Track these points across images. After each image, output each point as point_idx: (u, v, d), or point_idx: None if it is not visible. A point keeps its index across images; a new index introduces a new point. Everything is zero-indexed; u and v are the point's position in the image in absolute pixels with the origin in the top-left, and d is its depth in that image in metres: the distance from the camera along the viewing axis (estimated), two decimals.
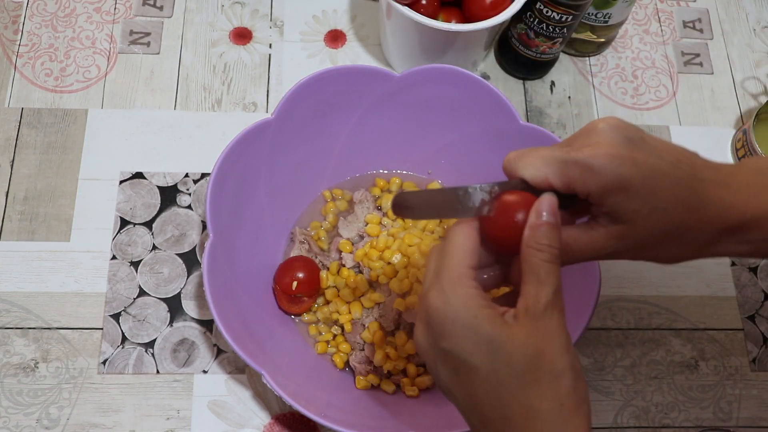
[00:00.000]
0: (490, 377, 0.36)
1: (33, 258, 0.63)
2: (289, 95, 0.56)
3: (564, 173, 0.37)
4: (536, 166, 0.37)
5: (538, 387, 0.35)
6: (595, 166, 0.36)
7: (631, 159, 0.36)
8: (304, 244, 0.63)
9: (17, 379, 0.59)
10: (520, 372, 0.35)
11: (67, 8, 0.73)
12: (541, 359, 0.35)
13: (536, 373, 0.35)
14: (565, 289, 0.57)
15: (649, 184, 0.36)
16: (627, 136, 0.37)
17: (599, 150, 0.36)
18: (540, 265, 0.36)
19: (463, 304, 0.36)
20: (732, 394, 0.64)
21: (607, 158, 0.36)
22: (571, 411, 0.35)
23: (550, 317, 0.36)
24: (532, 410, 0.35)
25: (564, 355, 0.35)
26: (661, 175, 0.36)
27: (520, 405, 0.35)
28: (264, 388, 0.60)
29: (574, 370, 0.36)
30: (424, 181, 0.67)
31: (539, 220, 0.36)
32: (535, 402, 0.35)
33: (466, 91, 0.59)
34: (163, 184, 0.67)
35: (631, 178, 0.36)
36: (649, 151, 0.37)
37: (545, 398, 0.35)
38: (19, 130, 0.68)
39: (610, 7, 0.69)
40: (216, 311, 0.51)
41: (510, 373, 0.35)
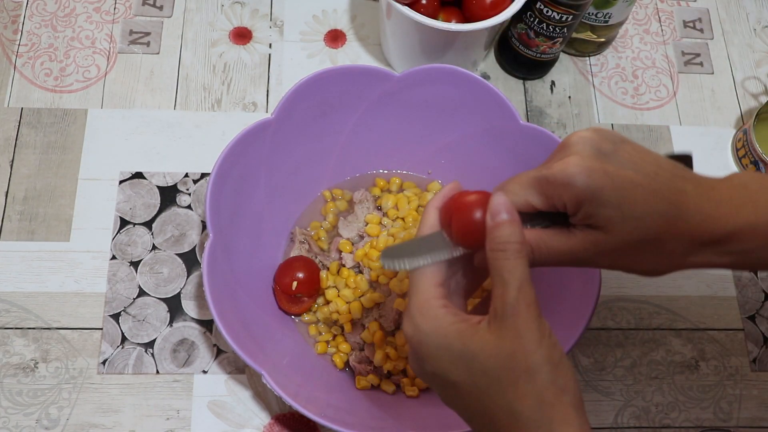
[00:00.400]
0: (472, 389, 0.37)
1: (33, 258, 0.63)
2: (289, 95, 0.56)
3: (540, 192, 0.38)
4: (515, 192, 0.39)
5: (515, 388, 0.35)
6: (565, 179, 0.37)
7: (602, 170, 0.37)
8: (304, 244, 0.63)
9: (17, 379, 0.59)
10: (497, 377, 0.36)
11: (66, 8, 0.73)
12: (514, 359, 0.35)
13: (511, 374, 0.35)
14: (566, 289, 0.57)
15: (622, 194, 0.37)
16: (599, 149, 0.38)
17: (569, 163, 0.37)
18: (502, 265, 0.37)
19: (432, 328, 0.37)
20: (732, 394, 0.64)
21: (576, 170, 0.37)
22: (552, 404, 0.35)
23: (516, 315, 0.36)
24: (514, 412, 0.35)
25: (536, 350, 0.35)
26: (634, 185, 0.37)
27: (502, 410, 0.36)
28: (264, 388, 0.60)
29: (550, 362, 0.36)
30: (424, 181, 0.67)
31: (495, 220, 0.37)
32: (515, 403, 0.35)
33: (466, 91, 0.59)
34: (163, 184, 0.67)
35: (601, 188, 0.37)
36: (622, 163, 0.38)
37: (524, 397, 0.35)
38: (19, 130, 0.68)
39: (610, 6, 0.69)
40: (216, 311, 0.50)
41: (488, 381, 0.36)
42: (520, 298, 0.36)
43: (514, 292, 0.36)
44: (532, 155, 0.59)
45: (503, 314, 0.36)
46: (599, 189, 0.37)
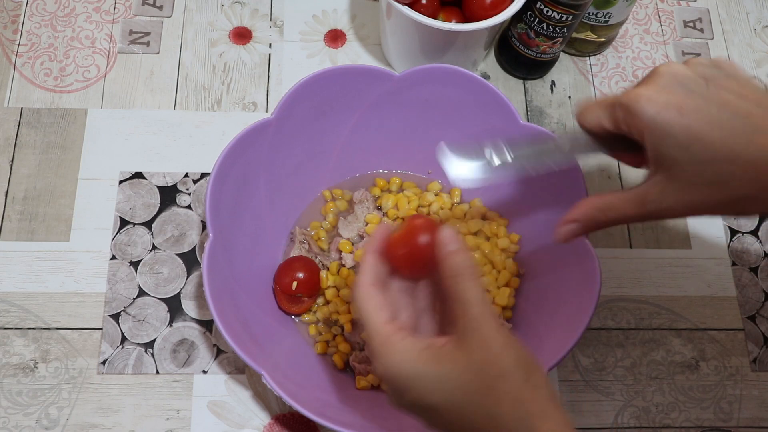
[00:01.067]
0: (451, 408, 0.37)
1: (32, 258, 0.63)
2: (289, 95, 0.56)
3: (611, 115, 0.38)
4: (592, 111, 0.39)
5: (490, 393, 0.36)
6: (634, 108, 0.36)
7: (677, 106, 0.35)
8: (304, 244, 0.63)
9: (16, 379, 0.59)
10: (474, 389, 0.36)
11: (66, 8, 0.73)
12: (485, 368, 0.36)
13: (486, 382, 0.36)
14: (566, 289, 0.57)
15: (694, 134, 0.35)
16: (684, 84, 0.36)
17: (643, 93, 0.36)
18: (461, 288, 0.38)
19: (401, 360, 0.38)
20: (732, 394, 0.64)
21: (647, 102, 0.36)
22: (529, 400, 0.36)
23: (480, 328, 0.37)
24: (494, 416, 0.36)
25: (505, 354, 0.36)
26: (711, 126, 0.35)
27: (482, 417, 0.36)
28: (264, 388, 0.60)
29: (519, 364, 0.36)
30: (425, 180, 0.67)
31: (446, 251, 0.39)
32: (494, 408, 0.36)
33: (466, 90, 0.59)
34: (163, 184, 0.67)
35: (670, 125, 0.35)
36: (707, 99, 0.36)
37: (502, 401, 0.36)
38: (19, 129, 0.67)
39: (610, 6, 0.69)
40: (216, 311, 0.50)
41: (464, 396, 0.37)
42: (481, 312, 0.37)
43: (476, 308, 0.37)
44: None
45: (467, 330, 0.37)
46: (666, 125, 0.35)
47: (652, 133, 0.36)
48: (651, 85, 0.37)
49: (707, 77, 0.37)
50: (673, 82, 0.36)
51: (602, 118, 0.39)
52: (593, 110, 0.40)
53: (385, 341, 0.39)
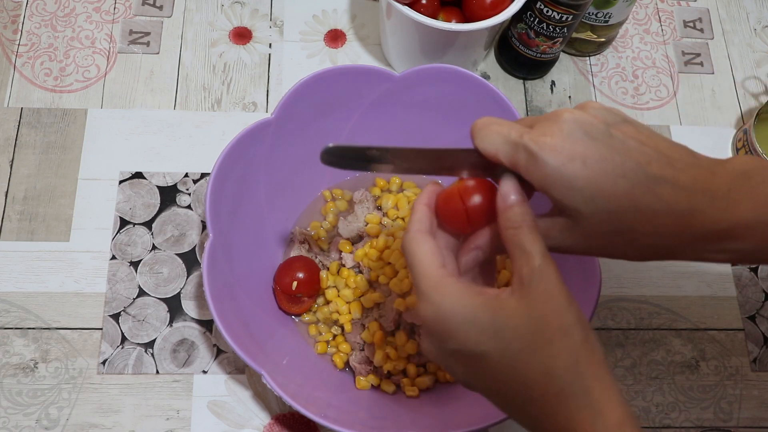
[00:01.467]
0: (502, 358, 0.36)
1: (32, 258, 0.63)
2: (289, 95, 0.56)
3: (512, 155, 0.37)
4: (491, 140, 0.37)
5: (549, 347, 0.35)
6: (540, 157, 0.35)
7: (581, 157, 0.35)
8: (304, 244, 0.63)
9: (17, 379, 0.59)
10: (530, 340, 0.35)
11: (66, 8, 0.73)
12: (546, 320, 0.35)
13: (544, 334, 0.35)
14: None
15: (597, 186, 0.35)
16: (586, 132, 0.35)
17: (548, 142, 0.35)
18: (522, 239, 0.36)
19: (455, 302, 0.37)
20: (732, 394, 0.64)
21: (552, 152, 0.35)
22: (586, 362, 0.35)
23: (544, 280, 0.36)
24: (549, 372, 0.35)
25: (568, 311, 0.35)
26: (614, 177, 0.35)
27: (536, 371, 0.35)
28: (264, 388, 0.60)
29: (581, 322, 0.36)
30: (424, 180, 0.67)
31: (507, 202, 0.37)
32: (549, 362, 0.35)
33: (466, 90, 0.59)
34: (163, 184, 0.67)
35: (574, 177, 0.35)
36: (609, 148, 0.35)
37: (559, 356, 0.35)
38: (19, 129, 0.67)
39: (610, 6, 0.69)
40: (216, 311, 0.50)
41: (520, 345, 0.35)
42: (545, 264, 0.36)
43: (540, 260, 0.36)
44: None
45: (530, 281, 0.35)
46: (572, 176, 0.35)
47: (555, 184, 0.35)
48: (555, 133, 0.35)
49: (608, 123, 0.36)
50: (577, 130, 0.35)
51: (501, 152, 0.37)
52: (491, 138, 0.38)
53: (438, 283, 0.37)
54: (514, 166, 0.37)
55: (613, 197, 0.35)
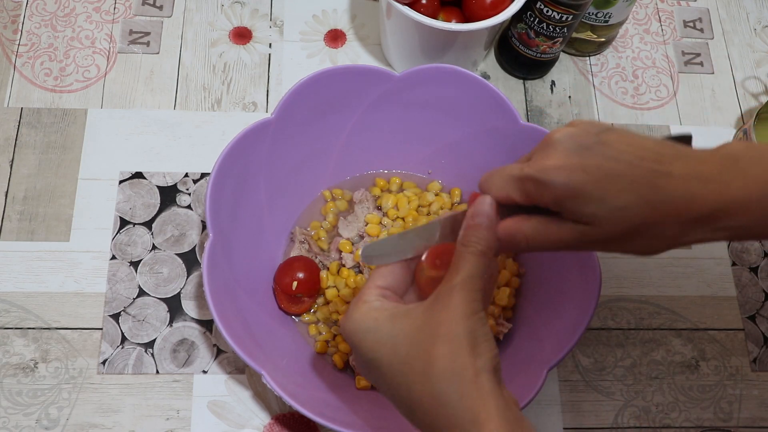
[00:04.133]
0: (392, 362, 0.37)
1: (32, 258, 0.63)
2: (289, 95, 0.56)
3: (521, 189, 0.39)
4: (498, 185, 0.40)
5: (432, 351, 0.36)
6: (545, 179, 0.38)
7: (581, 167, 0.37)
8: (304, 244, 0.63)
9: (17, 379, 0.59)
10: (419, 343, 0.37)
11: (66, 8, 0.73)
12: (438, 327, 0.36)
13: (432, 339, 0.36)
14: (566, 289, 0.57)
15: (603, 187, 0.37)
16: (580, 144, 0.38)
17: (548, 163, 0.38)
18: (461, 256, 0.38)
19: (361, 315, 0.39)
20: (732, 394, 0.64)
21: (555, 171, 0.38)
22: (464, 367, 0.35)
23: (451, 293, 0.37)
24: (426, 374, 0.36)
25: (460, 320, 0.36)
26: (615, 177, 0.37)
27: (417, 374, 0.36)
28: (264, 388, 0.60)
29: (471, 335, 0.36)
30: (425, 180, 0.67)
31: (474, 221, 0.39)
32: (429, 366, 0.36)
33: (466, 90, 0.59)
34: (163, 184, 0.67)
35: (581, 186, 0.37)
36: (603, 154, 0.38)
37: (438, 360, 0.36)
38: (19, 129, 0.67)
39: (610, 6, 0.69)
40: (216, 311, 0.50)
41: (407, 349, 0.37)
42: (462, 283, 0.37)
43: (459, 278, 0.37)
44: None
45: (442, 292, 0.37)
46: (578, 187, 0.37)
47: (567, 198, 0.38)
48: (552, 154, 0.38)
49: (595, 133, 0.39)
50: (571, 144, 0.38)
51: (511, 192, 0.40)
52: (497, 184, 0.40)
53: (357, 298, 0.40)
54: (526, 198, 0.39)
55: (619, 196, 0.37)
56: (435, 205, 0.64)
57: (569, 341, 0.52)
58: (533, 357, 0.55)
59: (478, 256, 0.38)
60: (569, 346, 0.51)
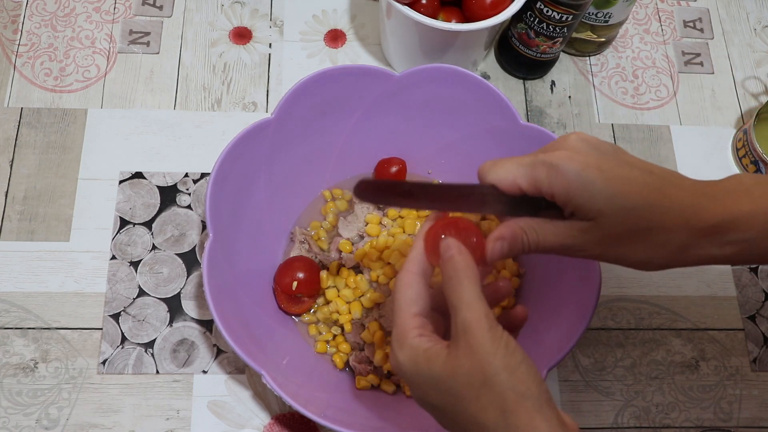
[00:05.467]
0: (445, 409, 0.38)
1: (32, 258, 0.63)
2: (289, 95, 0.56)
3: (531, 174, 0.39)
4: (507, 169, 0.40)
5: (477, 401, 0.36)
6: (560, 166, 0.38)
7: (596, 164, 0.38)
8: (304, 244, 0.63)
9: (17, 379, 0.59)
10: (460, 395, 0.37)
11: (66, 8, 0.73)
12: (472, 375, 0.36)
13: (471, 389, 0.36)
14: (566, 289, 0.57)
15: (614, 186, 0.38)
16: (596, 146, 0.40)
17: (566, 154, 0.39)
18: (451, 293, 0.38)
19: (407, 358, 0.39)
20: (732, 394, 0.64)
21: (571, 161, 0.38)
22: (514, 411, 0.35)
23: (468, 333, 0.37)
24: (481, 425, 0.36)
25: (491, 361, 0.36)
26: (628, 180, 0.38)
27: (472, 426, 0.37)
28: (264, 388, 0.60)
29: (507, 369, 0.36)
30: (425, 180, 0.67)
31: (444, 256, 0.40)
32: (480, 416, 0.36)
33: (466, 90, 0.59)
34: (163, 184, 0.67)
35: (594, 181, 0.38)
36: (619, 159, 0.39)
37: (486, 409, 0.36)
38: (19, 129, 0.67)
39: (610, 6, 0.69)
40: (216, 311, 0.50)
41: (453, 400, 0.37)
42: (468, 317, 0.37)
43: (463, 313, 0.37)
44: None
45: (456, 335, 0.37)
46: (591, 182, 0.38)
47: (578, 189, 0.38)
48: (566, 149, 0.39)
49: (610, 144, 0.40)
50: (587, 147, 0.39)
51: (519, 177, 0.40)
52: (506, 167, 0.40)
53: (399, 335, 0.40)
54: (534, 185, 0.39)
55: (629, 196, 0.38)
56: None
57: (569, 341, 0.52)
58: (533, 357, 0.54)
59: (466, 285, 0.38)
60: (569, 346, 0.51)
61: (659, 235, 0.39)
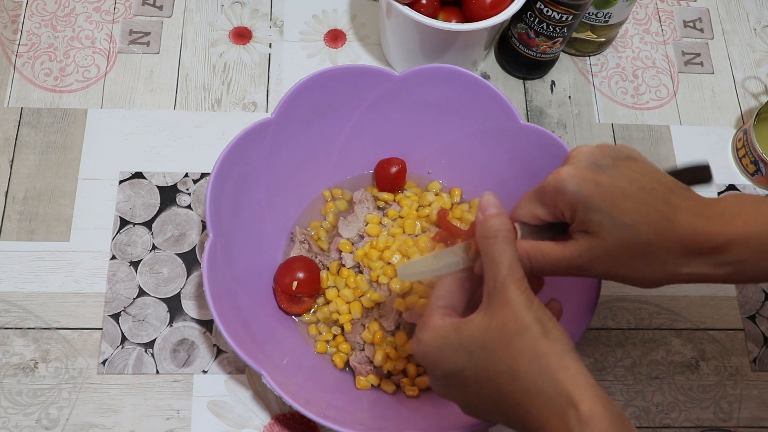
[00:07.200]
0: (475, 368, 0.39)
1: (32, 258, 0.63)
2: (289, 95, 0.56)
3: (541, 202, 0.42)
4: (523, 207, 0.44)
5: (510, 349, 0.37)
6: (559, 186, 0.41)
7: (593, 179, 0.40)
8: (304, 244, 0.63)
9: (17, 379, 0.59)
10: (492, 347, 0.38)
11: (66, 8, 0.73)
12: (505, 326, 0.38)
13: (504, 339, 0.38)
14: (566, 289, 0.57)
15: (611, 202, 0.40)
16: (595, 162, 0.41)
17: (562, 172, 0.41)
18: (493, 250, 0.40)
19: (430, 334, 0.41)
20: (732, 394, 0.64)
21: (567, 177, 0.40)
22: (546, 354, 0.37)
23: (506, 289, 0.39)
24: (512, 372, 0.37)
25: (526, 313, 0.38)
26: (624, 196, 0.40)
27: (502, 375, 0.38)
28: (264, 388, 0.60)
29: (539, 321, 0.38)
30: (425, 180, 0.67)
31: (485, 214, 0.41)
32: (513, 364, 0.37)
33: (466, 90, 0.59)
34: (163, 184, 0.67)
35: (590, 195, 0.40)
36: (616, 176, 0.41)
37: (519, 356, 0.37)
38: (19, 129, 0.67)
39: (610, 6, 0.69)
40: (216, 311, 0.50)
41: (485, 354, 0.38)
42: (509, 275, 0.39)
43: (505, 271, 0.39)
44: (532, 155, 0.59)
45: (494, 291, 0.39)
46: (588, 196, 0.40)
47: (578, 204, 0.40)
48: (569, 165, 0.42)
49: (613, 157, 0.42)
50: (588, 161, 0.41)
51: (534, 208, 0.43)
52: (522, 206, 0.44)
53: (423, 322, 0.41)
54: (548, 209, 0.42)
55: (628, 213, 0.40)
56: (435, 205, 0.64)
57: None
58: None
59: (507, 243, 0.40)
60: None
61: (658, 252, 0.40)
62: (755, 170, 0.71)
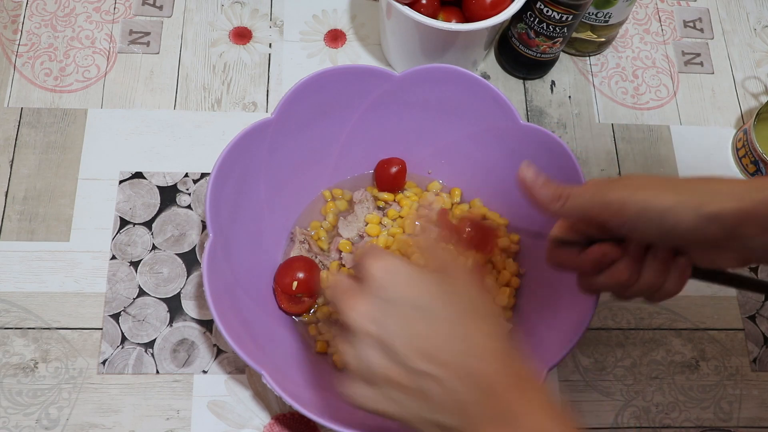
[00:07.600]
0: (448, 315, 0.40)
1: (32, 258, 0.63)
2: (289, 95, 0.56)
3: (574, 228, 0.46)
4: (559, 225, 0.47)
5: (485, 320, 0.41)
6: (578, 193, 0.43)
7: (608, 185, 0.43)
8: (304, 244, 0.63)
9: (17, 379, 0.59)
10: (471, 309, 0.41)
11: (66, 8, 0.73)
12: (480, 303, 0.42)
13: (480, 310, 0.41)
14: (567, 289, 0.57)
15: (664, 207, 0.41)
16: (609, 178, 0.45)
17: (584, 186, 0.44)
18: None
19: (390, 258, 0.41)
20: (733, 394, 0.64)
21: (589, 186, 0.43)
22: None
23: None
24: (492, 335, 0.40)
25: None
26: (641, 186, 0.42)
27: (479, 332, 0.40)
28: (264, 388, 0.60)
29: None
30: (425, 180, 0.67)
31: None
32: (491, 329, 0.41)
33: (466, 90, 0.59)
34: (163, 184, 0.67)
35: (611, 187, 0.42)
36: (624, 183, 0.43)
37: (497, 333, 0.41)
38: (19, 129, 0.67)
39: (610, 6, 0.69)
40: (216, 311, 0.50)
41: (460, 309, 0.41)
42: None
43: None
44: (532, 155, 0.59)
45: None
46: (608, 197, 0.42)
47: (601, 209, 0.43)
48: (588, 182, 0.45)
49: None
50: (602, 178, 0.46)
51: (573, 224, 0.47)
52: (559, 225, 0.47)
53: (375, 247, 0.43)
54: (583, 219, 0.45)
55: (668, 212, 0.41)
56: (435, 205, 0.64)
57: (569, 341, 0.52)
58: (533, 357, 0.55)
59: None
60: (569, 346, 0.51)
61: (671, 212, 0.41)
62: (755, 170, 0.71)
